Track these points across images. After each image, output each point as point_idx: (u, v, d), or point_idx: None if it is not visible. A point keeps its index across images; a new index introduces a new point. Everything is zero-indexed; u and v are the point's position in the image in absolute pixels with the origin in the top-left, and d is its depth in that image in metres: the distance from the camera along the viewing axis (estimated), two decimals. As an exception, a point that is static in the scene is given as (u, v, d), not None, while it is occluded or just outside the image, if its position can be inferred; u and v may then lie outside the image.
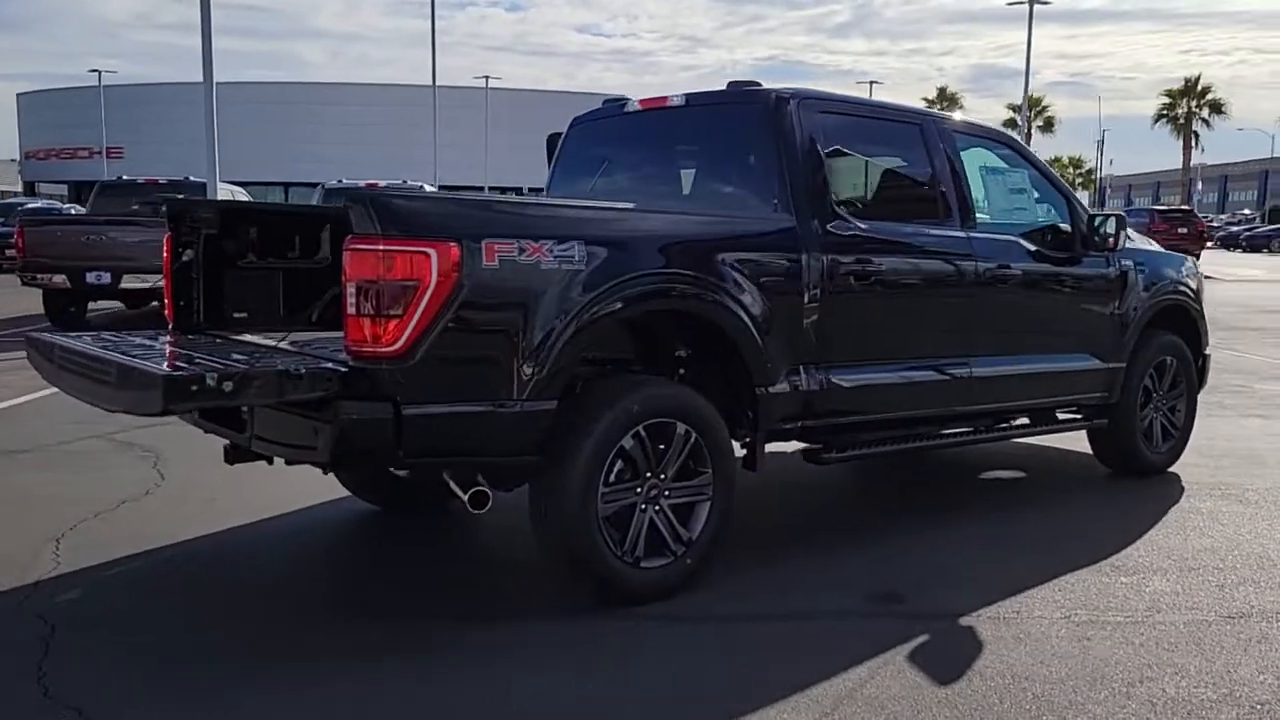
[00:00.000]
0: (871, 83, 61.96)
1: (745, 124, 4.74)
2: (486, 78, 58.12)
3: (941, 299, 5.08)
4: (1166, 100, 68.63)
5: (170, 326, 4.78)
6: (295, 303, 5.02)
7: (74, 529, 4.99)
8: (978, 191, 5.34)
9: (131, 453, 6.67)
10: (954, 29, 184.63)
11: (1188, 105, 68.15)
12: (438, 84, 43.07)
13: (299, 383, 3.39)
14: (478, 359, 3.64)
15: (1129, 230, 5.86)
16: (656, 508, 4.09)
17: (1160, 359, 6.28)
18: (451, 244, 3.51)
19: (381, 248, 3.46)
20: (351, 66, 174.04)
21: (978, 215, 5.31)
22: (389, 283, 3.45)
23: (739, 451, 4.49)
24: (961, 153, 5.30)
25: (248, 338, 4.52)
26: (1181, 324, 6.43)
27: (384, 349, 3.47)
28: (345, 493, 5.55)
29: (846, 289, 4.61)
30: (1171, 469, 6.42)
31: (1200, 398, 6.72)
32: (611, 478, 3.93)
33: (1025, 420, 5.88)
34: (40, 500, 5.53)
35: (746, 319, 4.25)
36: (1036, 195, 5.74)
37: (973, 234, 5.19)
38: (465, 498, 3.70)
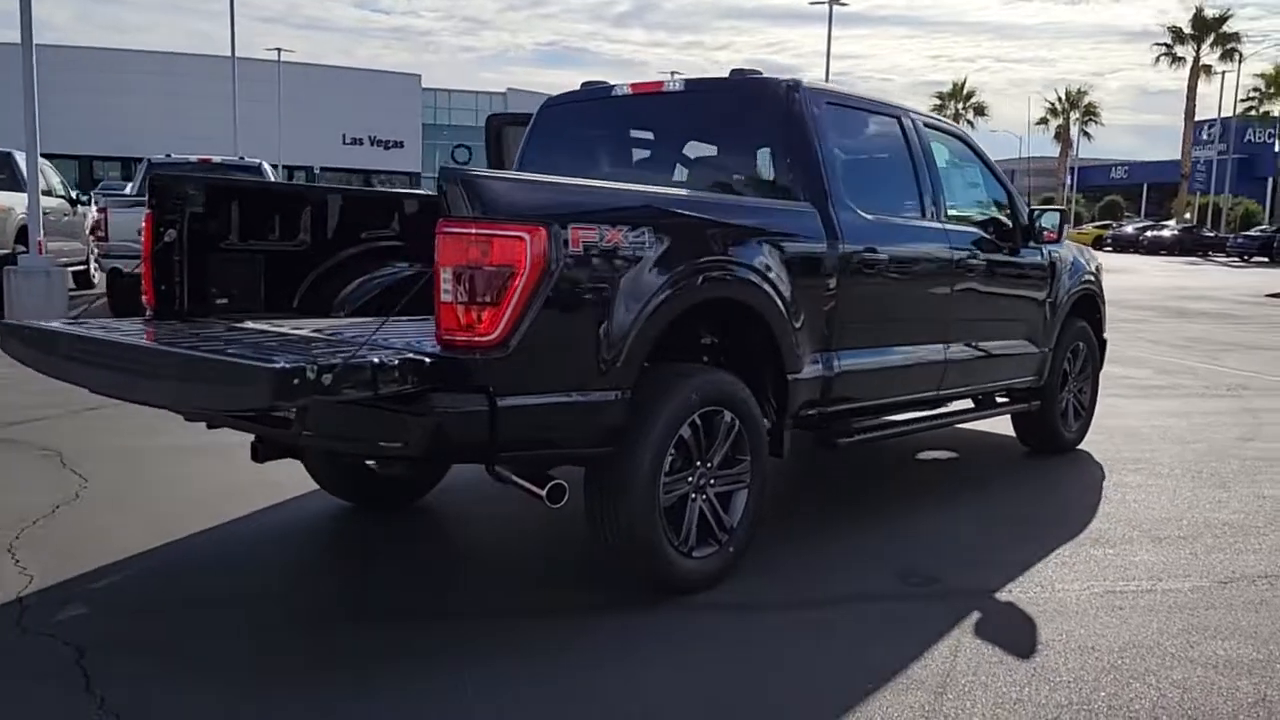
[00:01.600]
0: (672, 73, 62.87)
1: (763, 112, 4.75)
2: (279, 49, 55.39)
3: (927, 287, 5.26)
4: (938, 102, 73.03)
5: (149, 313, 4.37)
6: (275, 288, 4.69)
7: (19, 538, 4.50)
8: (945, 184, 5.55)
9: (28, 452, 6.06)
10: (729, 24, 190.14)
11: (955, 107, 72.75)
12: (233, 55, 40.73)
13: (392, 375, 3.19)
14: (565, 348, 3.52)
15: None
16: (704, 497, 4.08)
17: (1075, 344, 6.73)
18: (542, 228, 3.37)
19: (477, 231, 3.29)
20: (102, 31, 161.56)
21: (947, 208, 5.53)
22: (485, 268, 3.28)
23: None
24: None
25: (253, 325, 4.19)
26: (1088, 311, 6.90)
27: (479, 338, 3.30)
28: (296, 489, 5.26)
29: (858, 277, 4.71)
30: (1080, 446, 6.91)
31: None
32: (669, 468, 3.89)
33: (970, 405, 6.18)
34: (-43, 508, 4.94)
35: (782, 306, 4.28)
36: (984, 188, 6.03)
37: (947, 226, 5.42)
38: (543, 492, 3.57)
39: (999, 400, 6.31)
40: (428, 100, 72.81)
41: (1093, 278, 6.88)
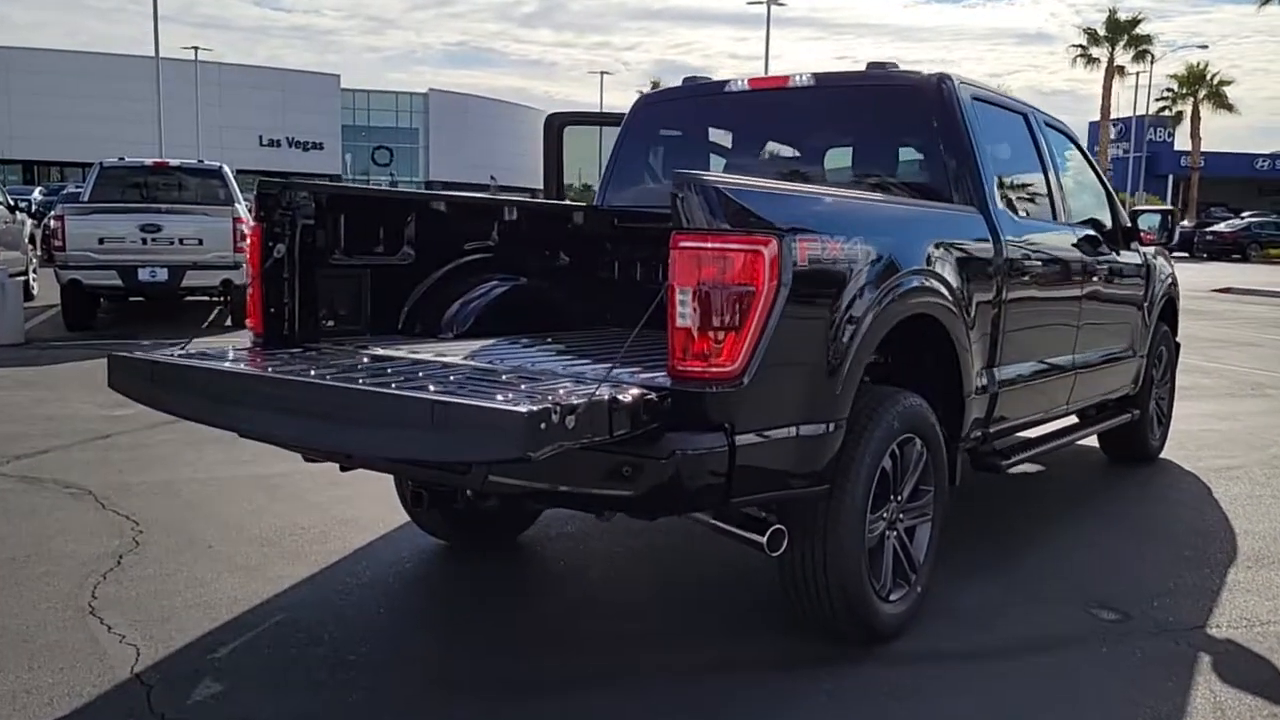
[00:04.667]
0: (602, 73, 62.51)
1: (914, 108, 4.36)
2: (196, 49, 53.51)
3: (1063, 293, 4.95)
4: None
5: (255, 339, 3.83)
6: (380, 307, 4.18)
7: (96, 596, 3.93)
8: (1066, 184, 5.26)
9: (54, 492, 5.40)
10: (637, 25, 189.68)
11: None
12: (149, 54, 39.22)
13: (630, 414, 2.74)
14: (796, 375, 3.09)
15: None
16: (895, 533, 3.70)
17: (1159, 349, 6.51)
18: (776, 240, 2.95)
19: (715, 245, 2.85)
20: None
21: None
22: (726, 287, 2.85)
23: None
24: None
25: (381, 351, 3.68)
26: (1170, 314, 6.70)
27: (718, 368, 2.86)
28: (369, 526, 4.78)
29: (1016, 284, 4.37)
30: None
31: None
32: (872, 503, 3.50)
33: (1075, 419, 5.87)
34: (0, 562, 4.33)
35: (963, 319, 3.92)
36: (1091, 187, 5.76)
37: (1074, 228, 5.13)
38: (763, 540, 3.14)
39: (1103, 412, 6.02)
40: (346, 101, 71.27)
41: (1173, 279, 6.67)
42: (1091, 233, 5.36)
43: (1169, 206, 6.34)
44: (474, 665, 3.51)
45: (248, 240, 12.06)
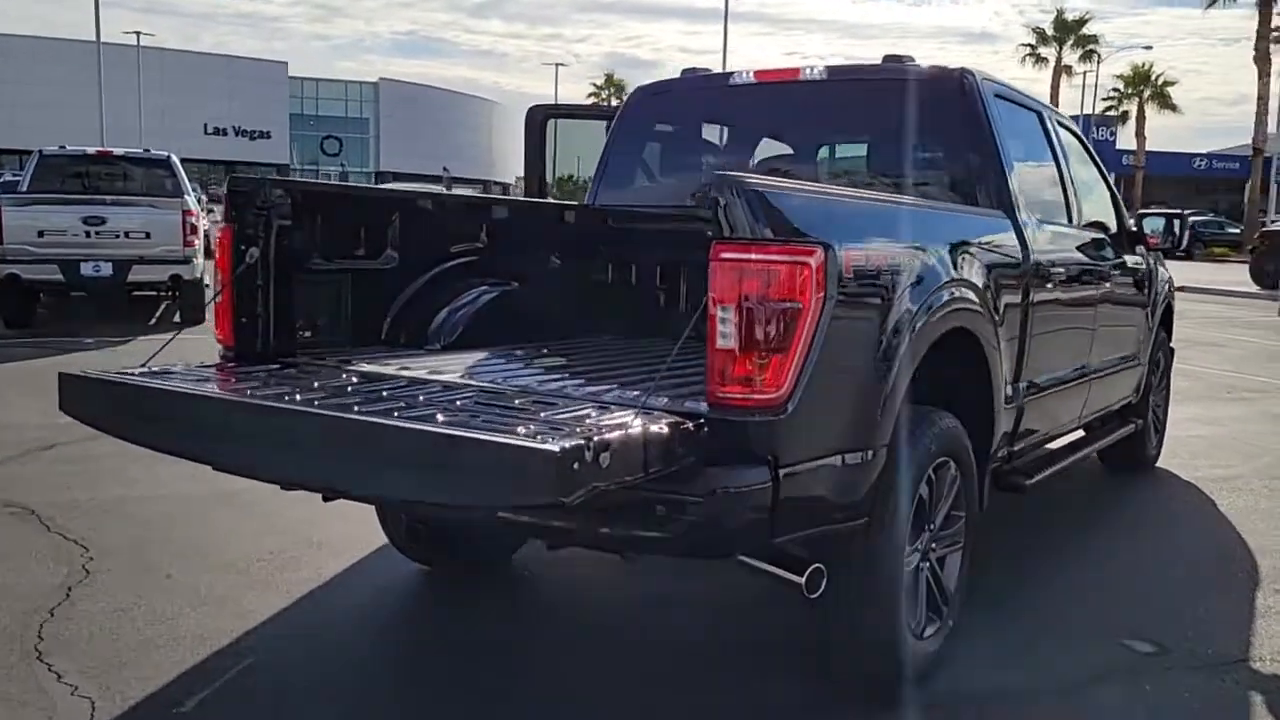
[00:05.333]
0: (557, 65, 62.06)
1: (937, 105, 4.08)
2: (138, 33, 51.99)
3: (1080, 300, 4.71)
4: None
5: (224, 352, 3.46)
6: (361, 316, 3.83)
7: (42, 637, 3.54)
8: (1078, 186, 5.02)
9: (-6, 509, 4.97)
10: (588, 17, 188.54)
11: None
12: (97, 39, 38.08)
13: (668, 448, 2.43)
14: (842, 399, 2.80)
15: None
16: (927, 564, 3.43)
17: (1158, 355, 6.32)
18: (822, 249, 2.65)
19: (760, 256, 2.54)
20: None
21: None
22: (771, 304, 2.54)
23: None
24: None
25: (369, 367, 3.33)
26: (1167, 320, 6.51)
27: (763, 394, 2.55)
28: (345, 550, 4.43)
29: (1041, 291, 4.12)
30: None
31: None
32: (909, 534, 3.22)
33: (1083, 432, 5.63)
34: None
35: (995, 331, 3.65)
36: (1098, 189, 5.53)
37: (1087, 231, 4.90)
38: (801, 580, 2.84)
39: (1107, 423, 5.79)
40: (294, 89, 69.94)
41: (1171, 284, 6.49)
42: (1102, 236, 5.14)
43: (1175, 211, 6.12)
44: (471, 716, 3.18)
45: (199, 234, 11.38)
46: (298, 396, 2.68)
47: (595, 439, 2.24)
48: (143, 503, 5.12)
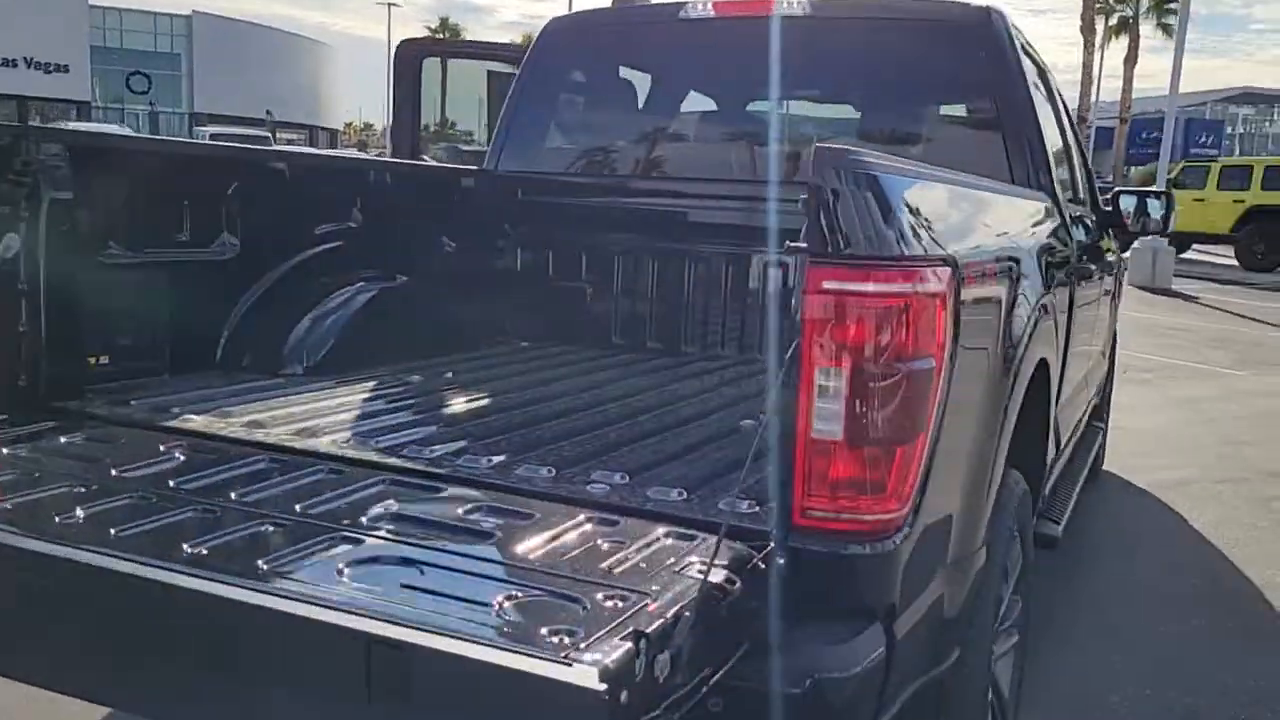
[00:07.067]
0: (389, 4, 58.96)
1: (962, 54, 3.14)
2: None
3: (1097, 294, 3.95)
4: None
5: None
6: (184, 329, 2.66)
7: None
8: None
9: None
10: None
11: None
12: None
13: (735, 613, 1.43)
14: (954, 496, 1.85)
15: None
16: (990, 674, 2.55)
17: (1108, 349, 5.68)
18: (950, 271, 1.67)
19: (877, 288, 1.54)
20: None
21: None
22: (899, 365, 1.55)
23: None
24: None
25: (200, 422, 2.18)
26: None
27: (879, 513, 1.57)
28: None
29: (1079, 289, 3.28)
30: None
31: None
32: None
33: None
34: None
35: (1061, 357, 2.79)
36: (1081, 163, 4.76)
37: (1086, 212, 4.13)
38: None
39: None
40: (95, 20, 64.35)
41: (1125, 266, 5.85)
42: (1091, 215, 4.38)
43: (1162, 190, 5.47)
44: None
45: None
46: (78, 513, 1.55)
47: (647, 629, 1.22)
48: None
